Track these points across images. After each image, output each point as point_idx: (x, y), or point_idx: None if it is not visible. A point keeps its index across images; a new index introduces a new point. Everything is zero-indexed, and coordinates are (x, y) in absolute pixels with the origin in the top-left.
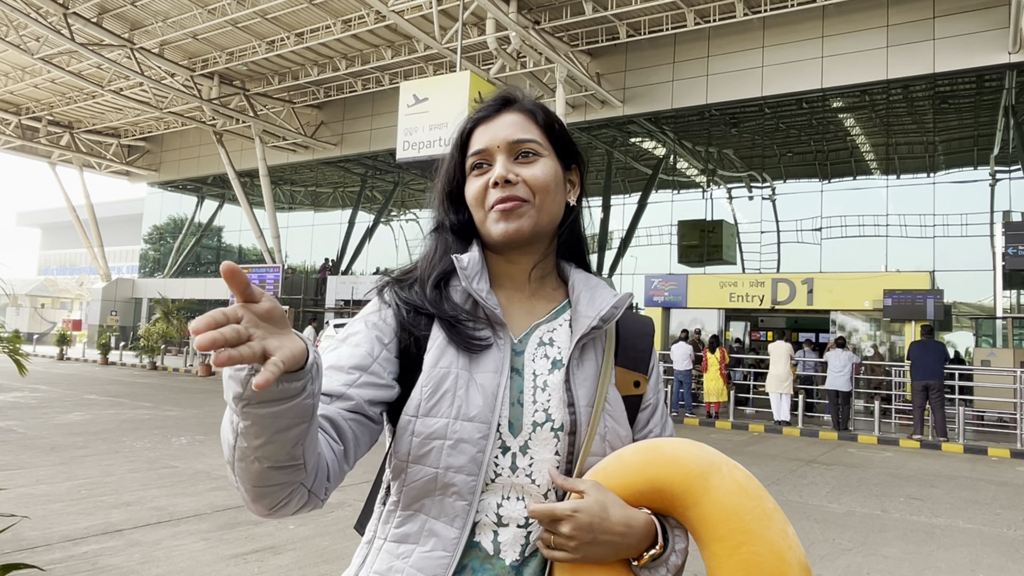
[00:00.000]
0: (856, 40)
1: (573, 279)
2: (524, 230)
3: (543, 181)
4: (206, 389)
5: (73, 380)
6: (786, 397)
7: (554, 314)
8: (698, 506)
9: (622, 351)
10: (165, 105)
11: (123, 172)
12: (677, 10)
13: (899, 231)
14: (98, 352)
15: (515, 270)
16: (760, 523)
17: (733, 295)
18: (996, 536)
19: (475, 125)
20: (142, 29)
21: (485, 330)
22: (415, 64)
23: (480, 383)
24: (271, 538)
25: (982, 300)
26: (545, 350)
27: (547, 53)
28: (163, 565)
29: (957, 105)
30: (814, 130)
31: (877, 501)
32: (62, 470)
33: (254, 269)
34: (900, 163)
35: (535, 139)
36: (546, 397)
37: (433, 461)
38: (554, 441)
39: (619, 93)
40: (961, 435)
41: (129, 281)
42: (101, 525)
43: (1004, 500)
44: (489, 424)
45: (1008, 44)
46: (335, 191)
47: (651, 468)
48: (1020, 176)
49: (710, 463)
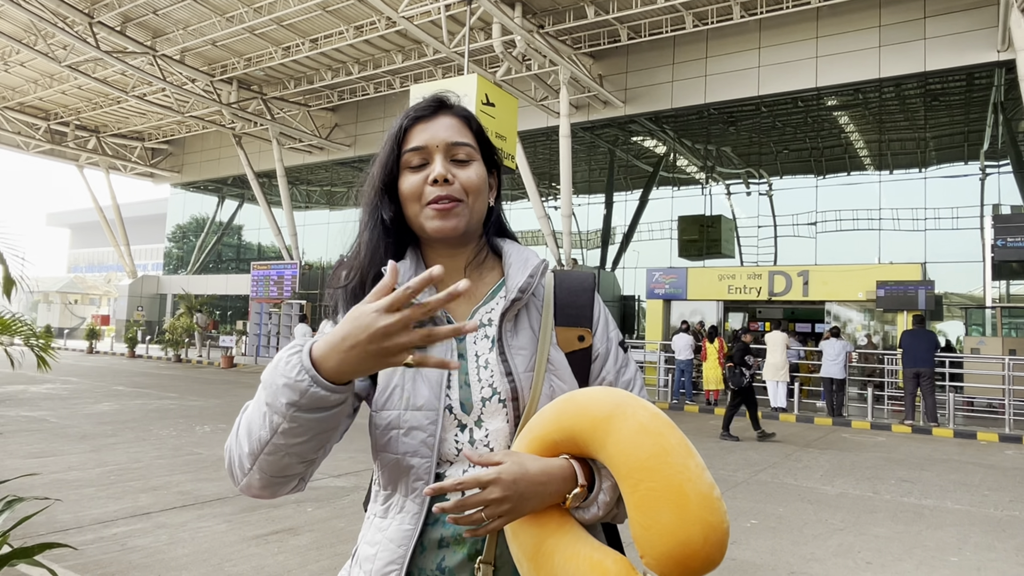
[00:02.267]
0: (849, 40)
1: (506, 254)
2: (459, 228)
3: (476, 184)
4: (228, 380)
5: (102, 372)
6: (782, 384)
7: (491, 294)
8: (604, 448)
9: (560, 310)
10: (187, 109)
11: (147, 174)
12: (676, 13)
13: (892, 224)
14: (125, 346)
15: (450, 263)
16: (657, 459)
17: (732, 287)
18: (983, 516)
19: (413, 123)
20: (164, 37)
21: (427, 324)
22: (424, 68)
23: (426, 374)
24: (290, 520)
25: (972, 290)
26: (485, 331)
27: (551, 56)
28: (188, 546)
29: (948, 102)
30: (809, 128)
31: (869, 483)
32: (92, 457)
33: (273, 265)
34: (892, 159)
35: (470, 144)
36: (488, 373)
37: (393, 448)
38: (503, 410)
39: (621, 94)
40: (951, 420)
41: (154, 278)
42: (130, 508)
43: (991, 482)
44: (437, 411)
45: (997, 42)
46: (349, 190)
47: (564, 417)
48: (1009, 171)
49: (615, 406)
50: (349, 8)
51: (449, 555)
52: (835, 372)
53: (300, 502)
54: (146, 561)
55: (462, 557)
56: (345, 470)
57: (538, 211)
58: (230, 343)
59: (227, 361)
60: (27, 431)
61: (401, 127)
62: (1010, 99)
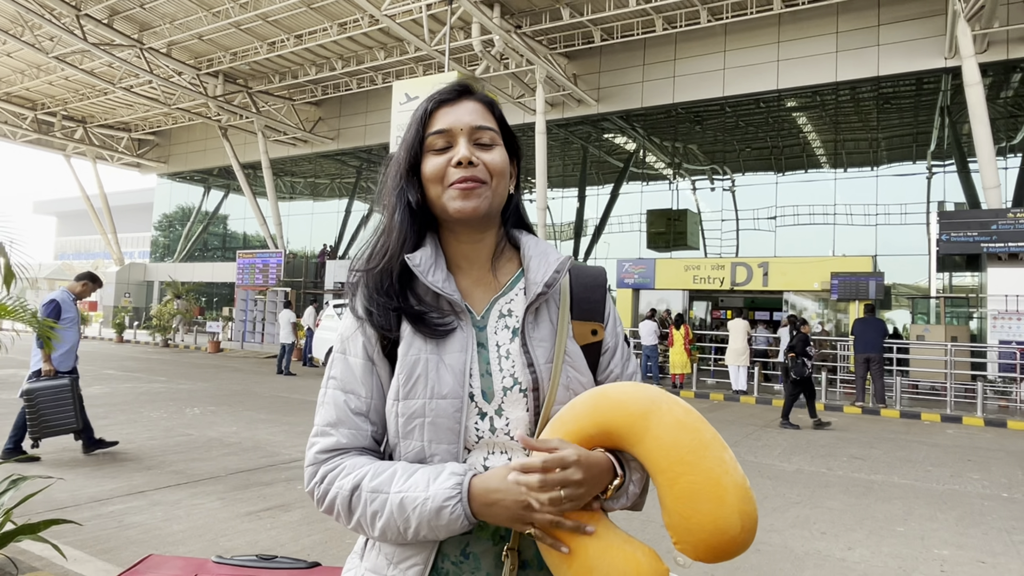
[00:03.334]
0: (809, 45)
1: (524, 245)
2: (481, 209)
3: (500, 167)
4: (216, 364)
5: (91, 357)
6: (743, 369)
7: (509, 285)
8: (642, 443)
9: (576, 305)
10: (173, 102)
11: (134, 164)
12: (647, 16)
13: (845, 219)
14: (114, 331)
15: (470, 249)
16: (696, 454)
17: (696, 277)
18: (926, 490)
19: (437, 106)
20: (151, 30)
21: (448, 316)
22: (406, 65)
23: (448, 364)
24: (281, 498)
25: (918, 281)
26: (505, 321)
27: (528, 55)
28: (184, 522)
29: (898, 105)
30: (770, 127)
31: (823, 460)
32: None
33: (258, 254)
34: (847, 158)
35: (493, 128)
36: (510, 364)
37: (417, 436)
38: (524, 400)
39: (594, 93)
40: (898, 402)
41: (141, 265)
42: (125, 487)
43: (934, 459)
44: (460, 399)
45: (944, 50)
46: (332, 182)
47: (599, 413)
48: (953, 170)
49: (651, 402)
50: (333, 6)
51: (473, 541)
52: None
53: (290, 480)
54: (143, 537)
55: (487, 543)
56: None
57: None
58: (217, 329)
59: (214, 346)
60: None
61: (426, 110)
62: (955, 103)
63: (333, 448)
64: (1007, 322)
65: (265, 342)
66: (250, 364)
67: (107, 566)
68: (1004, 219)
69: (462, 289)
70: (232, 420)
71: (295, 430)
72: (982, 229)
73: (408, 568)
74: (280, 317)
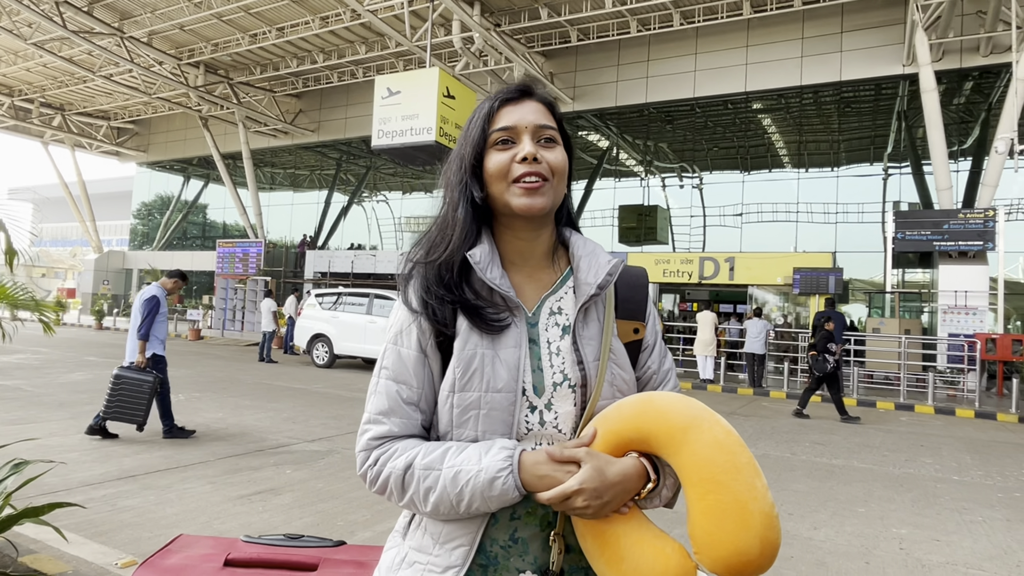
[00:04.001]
0: (775, 50)
1: (573, 244)
2: (546, 206)
3: (561, 165)
4: (196, 351)
5: (72, 343)
6: (710, 359)
7: (559, 283)
8: (679, 455)
9: (621, 304)
10: (153, 91)
11: (113, 152)
12: (622, 18)
13: (807, 217)
14: (93, 318)
15: (525, 246)
16: (728, 475)
17: (666, 271)
18: (884, 473)
19: (501, 105)
20: (131, 19)
21: (503, 312)
22: (386, 59)
23: (503, 358)
24: (271, 482)
25: (874, 277)
26: (555, 319)
27: (507, 53)
28: (176, 505)
29: (858, 109)
30: (737, 128)
31: (787, 446)
32: (72, 424)
33: (238, 243)
34: (809, 158)
35: (554, 127)
36: (560, 360)
37: (472, 427)
38: (572, 395)
39: (570, 91)
40: (855, 391)
41: (120, 253)
42: (115, 471)
43: (890, 444)
44: (515, 392)
45: (903, 58)
46: (312, 173)
47: (642, 419)
48: (908, 172)
49: (693, 418)
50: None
51: (522, 526)
52: (756, 348)
53: (279, 465)
54: (137, 520)
55: (535, 528)
56: (318, 435)
57: None
58: (197, 316)
59: (194, 334)
60: (3, 399)
61: (491, 108)
62: (912, 108)
63: (385, 435)
64: (956, 316)
65: (245, 330)
66: (231, 352)
67: (103, 548)
68: (955, 219)
69: (515, 285)
70: (217, 406)
71: (280, 416)
72: (934, 228)
73: (454, 548)
74: (261, 306)
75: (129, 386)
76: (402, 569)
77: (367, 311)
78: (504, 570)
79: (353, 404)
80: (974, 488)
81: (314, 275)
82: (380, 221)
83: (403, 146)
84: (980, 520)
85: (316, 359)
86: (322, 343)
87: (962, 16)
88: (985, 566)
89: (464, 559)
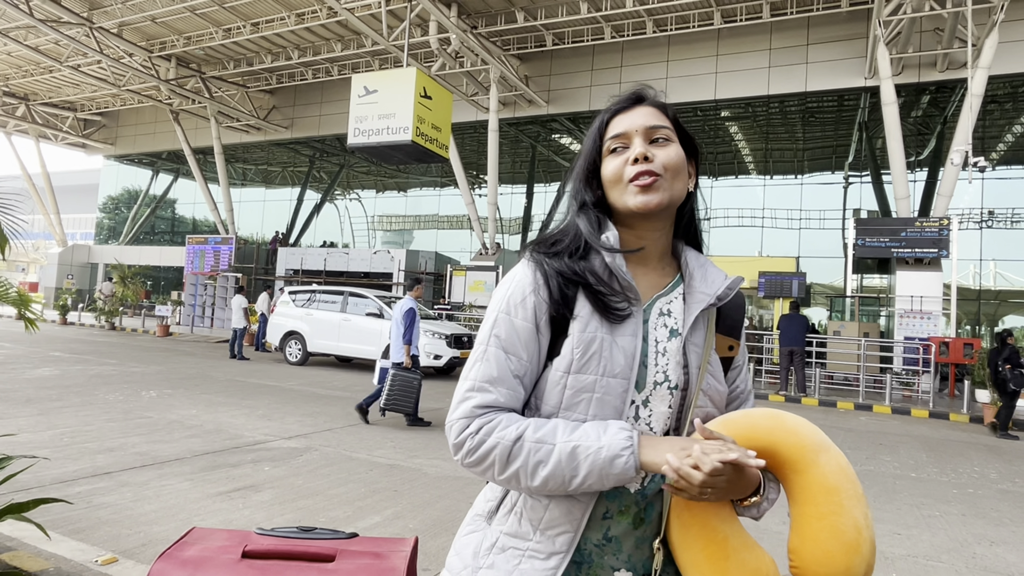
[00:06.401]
0: (744, 60)
1: (686, 256)
2: (663, 202)
3: (675, 162)
4: (166, 348)
5: (35, 338)
6: None
7: (671, 287)
8: (805, 474)
9: (722, 320)
10: (123, 83)
11: (79, 144)
12: (596, 24)
13: (772, 223)
14: (57, 313)
15: (644, 247)
16: (851, 502)
17: None
18: None
19: (612, 116)
20: (101, 9)
21: (623, 301)
22: (362, 58)
23: (621, 345)
24: (250, 478)
25: (834, 281)
26: (664, 320)
27: (483, 55)
28: (154, 502)
29: (822, 119)
30: (706, 135)
31: None
32: (41, 420)
33: (209, 239)
34: (774, 166)
35: (667, 126)
36: (665, 361)
37: (583, 410)
38: (669, 397)
39: (544, 94)
40: (817, 391)
41: (85, 247)
42: (89, 468)
43: (851, 443)
44: (628, 380)
45: (865, 71)
46: (285, 170)
47: (775, 433)
48: (868, 180)
49: (823, 442)
50: None
51: (614, 525)
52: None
53: (256, 462)
54: (115, 517)
55: (627, 526)
56: (295, 432)
57: (466, 198)
58: (166, 312)
59: (163, 330)
60: None
61: (603, 121)
62: (872, 119)
63: (491, 404)
64: (912, 320)
65: (215, 327)
66: (201, 348)
67: (81, 545)
68: (912, 227)
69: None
70: (190, 403)
71: (255, 413)
72: (893, 235)
73: (557, 535)
74: (232, 302)
75: (402, 383)
76: (493, 554)
77: (341, 309)
78: (599, 567)
79: (328, 401)
80: (931, 484)
81: (286, 272)
82: (353, 219)
83: (379, 145)
84: (938, 515)
85: (289, 356)
86: (295, 340)
87: (921, 32)
88: (943, 558)
89: (568, 545)
